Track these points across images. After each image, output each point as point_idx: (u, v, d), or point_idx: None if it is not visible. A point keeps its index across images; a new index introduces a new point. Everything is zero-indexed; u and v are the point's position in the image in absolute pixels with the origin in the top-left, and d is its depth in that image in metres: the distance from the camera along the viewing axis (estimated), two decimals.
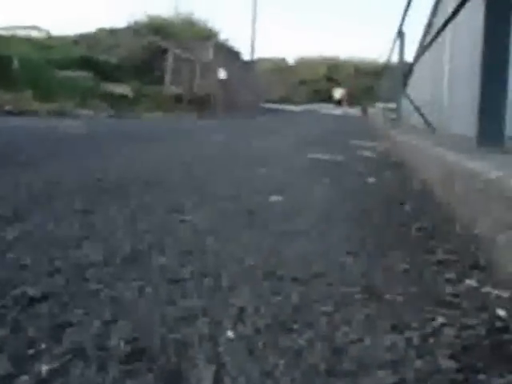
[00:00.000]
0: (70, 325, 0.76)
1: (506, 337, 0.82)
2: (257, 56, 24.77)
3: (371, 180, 2.54)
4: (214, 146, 4.32)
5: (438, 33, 4.56)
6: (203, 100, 15.07)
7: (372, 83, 20.41)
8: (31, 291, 0.86)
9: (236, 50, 20.84)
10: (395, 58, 8.56)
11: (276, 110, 19.68)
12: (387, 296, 0.98)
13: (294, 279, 1.05)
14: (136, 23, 18.86)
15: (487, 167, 1.49)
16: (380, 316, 0.88)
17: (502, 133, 2.33)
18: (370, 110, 18.52)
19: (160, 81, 15.23)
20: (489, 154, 2.02)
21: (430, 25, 10.73)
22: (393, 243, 1.37)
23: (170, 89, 14.62)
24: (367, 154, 4.19)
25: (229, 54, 18.77)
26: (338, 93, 25.82)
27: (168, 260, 1.12)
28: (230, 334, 0.78)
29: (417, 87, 11.34)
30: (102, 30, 19.03)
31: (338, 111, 22.74)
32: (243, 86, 18.93)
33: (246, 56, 21.27)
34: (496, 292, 1.03)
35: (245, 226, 1.48)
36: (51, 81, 11.91)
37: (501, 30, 2.32)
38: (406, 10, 6.92)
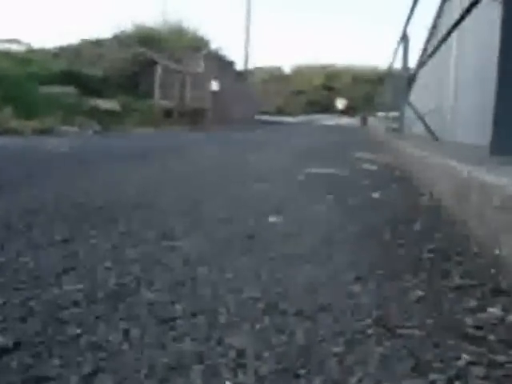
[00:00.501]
0: (45, 380, 0.70)
1: None
2: (252, 65, 24.97)
3: (376, 196, 2.50)
4: (206, 162, 4.28)
5: (444, 39, 4.57)
6: (195, 113, 15.09)
7: (372, 91, 20.52)
8: (0, 340, 0.80)
9: (229, 59, 20.97)
10: (397, 64, 8.61)
11: (271, 123, 19.73)
12: (403, 330, 0.93)
13: (299, 313, 1.00)
14: (122, 33, 18.93)
15: (505, 180, 1.45)
16: (397, 355, 0.83)
17: None
18: (371, 120, 18.59)
19: (149, 94, 15.24)
20: (503, 165, 1.98)
21: (434, 28, 10.80)
22: (404, 267, 1.32)
23: (160, 102, 14.63)
24: (370, 167, 4.16)
25: (221, 64, 18.87)
26: (341, 103, 25.97)
27: (157, 295, 1.06)
28: None
29: (420, 95, 11.40)
30: (85, 42, 19.09)
31: (339, 121, 22.85)
32: (237, 97, 19.00)
33: (239, 65, 21.43)
34: None
35: (242, 252, 1.42)
36: (32, 97, 11.89)
37: None
38: (411, 11, 6.89)
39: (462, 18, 3.34)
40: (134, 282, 1.14)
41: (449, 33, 4.04)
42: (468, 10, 3.12)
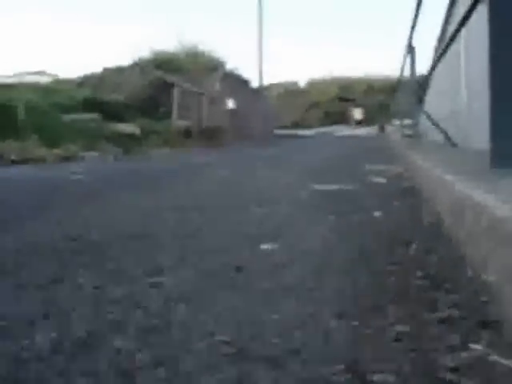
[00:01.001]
0: None
1: None
2: (267, 81, 25.08)
3: (377, 214, 2.42)
4: (215, 183, 4.26)
5: (448, 44, 4.47)
6: (212, 132, 15.19)
7: (387, 100, 20.34)
8: None
9: (244, 78, 21.13)
10: (408, 73, 8.49)
11: (289, 136, 19.70)
12: (374, 377, 0.86)
13: (267, 359, 0.94)
14: (141, 60, 19.32)
15: (495, 200, 1.37)
16: None
17: None
18: (388, 128, 18.40)
19: (168, 116, 15.45)
20: (502, 179, 1.88)
21: (443, 34, 10.64)
22: (391, 298, 1.25)
23: (178, 123, 14.80)
24: (378, 180, 4.07)
25: (237, 83, 19.03)
26: (357, 113, 25.79)
27: (125, 342, 1.02)
28: None
29: (435, 101, 11.21)
30: (107, 70, 19.54)
31: (356, 131, 22.68)
32: (253, 114, 19.09)
33: (255, 82, 21.54)
34: (505, 362, 0.89)
35: (226, 288, 1.37)
36: (56, 125, 12.17)
37: (509, 39, 2.22)
38: (413, 23, 6.84)
39: (468, 15, 3.23)
40: (106, 328, 1.10)
41: (456, 32, 3.90)
42: (472, 7, 2.99)
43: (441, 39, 10.79)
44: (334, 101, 27.48)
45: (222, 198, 3.28)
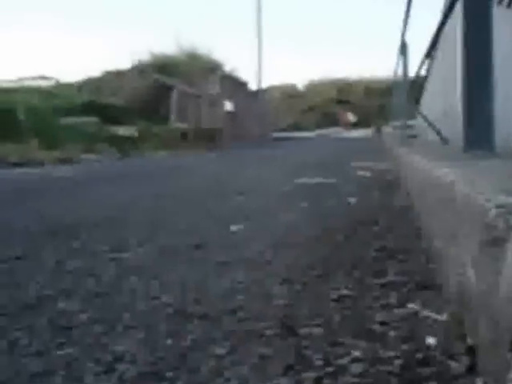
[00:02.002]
0: None
1: (424, 372, 0.70)
2: (266, 84, 25.11)
3: (352, 200, 2.43)
4: (203, 180, 4.27)
5: (434, 44, 4.47)
6: (210, 134, 15.20)
7: (384, 102, 20.36)
8: None
9: (242, 80, 21.13)
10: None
11: (286, 138, 19.70)
12: (303, 330, 0.87)
13: (203, 316, 0.95)
14: (140, 63, 19.36)
15: (449, 174, 1.38)
16: (280, 356, 0.77)
17: (490, 137, 2.22)
18: (385, 130, 18.39)
19: (167, 119, 15.49)
20: (469, 160, 1.89)
21: (438, 34, 10.63)
22: (342, 267, 1.26)
23: (176, 126, 14.82)
24: (364, 174, 4.08)
25: (235, 85, 19.03)
26: (350, 116, 25.91)
27: (70, 305, 1.03)
28: None
29: (430, 101, 11.21)
30: (107, 73, 19.58)
31: (352, 133, 22.68)
32: (252, 116, 19.09)
33: (253, 85, 21.55)
34: (434, 316, 0.90)
35: (182, 262, 1.38)
36: (56, 128, 12.21)
37: (481, 33, 2.25)
38: (405, 20, 6.81)
39: (444, 21, 3.26)
40: (56, 293, 1.11)
41: (436, 37, 3.94)
42: (449, 10, 3.02)
43: (435, 40, 10.78)
44: (332, 103, 27.50)
45: (206, 190, 3.29)
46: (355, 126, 25.22)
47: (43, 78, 22.29)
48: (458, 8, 2.37)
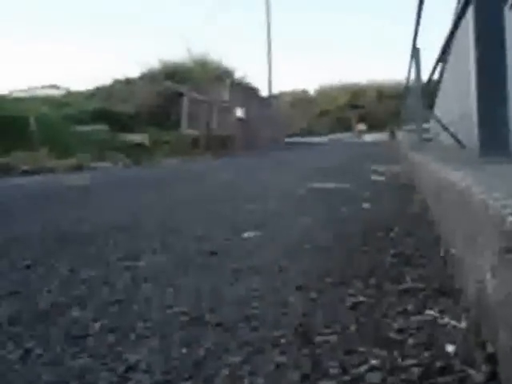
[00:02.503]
0: None
1: (443, 380, 0.69)
2: (277, 90, 25.17)
3: (366, 206, 2.41)
4: (215, 186, 4.29)
5: (446, 47, 4.44)
6: (222, 141, 15.25)
7: (397, 105, 20.27)
8: None
9: (253, 86, 21.20)
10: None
11: (297, 143, 19.71)
12: (319, 338, 0.87)
13: (219, 325, 0.95)
14: (150, 70, 19.54)
15: (465, 179, 1.36)
16: (295, 364, 0.77)
17: (505, 141, 2.20)
18: (399, 134, 18.29)
19: (177, 126, 15.57)
20: (484, 164, 1.87)
21: (450, 37, 10.56)
22: (359, 273, 1.25)
23: (187, 132, 14.90)
24: (378, 178, 4.05)
25: (246, 92, 19.09)
26: (361, 125, 26.00)
27: (83, 313, 1.04)
28: None
29: (445, 105, 11.12)
30: (117, 81, 19.80)
31: (366, 138, 22.61)
32: (263, 122, 19.12)
33: (264, 91, 21.60)
34: (453, 322, 0.89)
35: (197, 269, 1.39)
36: (67, 137, 12.36)
37: (493, 36, 2.24)
38: (417, 24, 6.79)
39: (456, 24, 3.24)
40: (69, 302, 1.12)
41: (447, 42, 3.91)
42: (462, 13, 3.01)
43: (448, 41, 10.71)
44: (344, 108, 27.46)
45: (219, 196, 3.30)
46: (367, 131, 25.20)
47: (54, 87, 22.61)
48: (470, 11, 2.37)
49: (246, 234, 1.85)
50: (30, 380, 0.76)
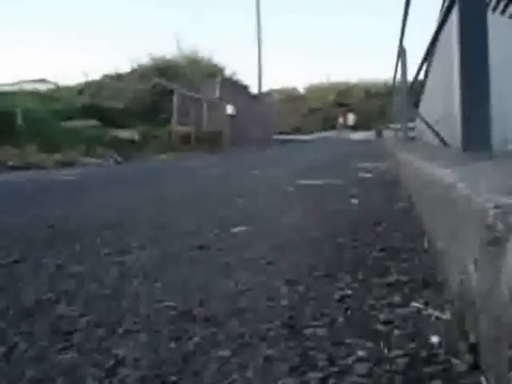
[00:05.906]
0: None
1: (428, 370, 0.69)
2: (267, 87, 25.15)
3: (354, 201, 2.42)
4: (204, 182, 4.28)
5: (431, 48, 4.47)
6: (212, 138, 15.20)
7: (384, 105, 20.40)
8: None
9: (243, 83, 21.15)
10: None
11: (286, 141, 19.73)
12: (307, 331, 0.87)
13: (207, 319, 0.95)
14: (140, 66, 19.38)
15: (449, 175, 1.38)
16: (284, 357, 0.77)
17: (487, 138, 2.22)
18: (385, 132, 18.41)
19: (167, 122, 15.48)
20: (468, 161, 1.89)
21: (435, 38, 10.65)
22: (346, 267, 1.26)
23: (178, 129, 14.82)
24: (365, 175, 4.08)
25: (236, 89, 19.04)
26: (350, 119, 25.98)
27: (70, 310, 1.03)
28: None
29: (430, 104, 11.20)
30: (107, 77, 19.60)
31: (353, 136, 22.69)
32: (253, 119, 19.09)
33: (254, 88, 21.56)
34: (437, 314, 0.90)
35: (185, 263, 1.38)
36: (56, 132, 12.19)
37: (476, 37, 2.26)
38: (403, 25, 6.84)
39: (439, 28, 3.26)
40: (55, 297, 1.11)
41: (432, 43, 3.92)
42: (444, 19, 3.02)
43: (433, 44, 10.78)
44: (333, 106, 27.53)
45: (207, 192, 3.29)
46: (354, 128, 25.25)
47: (43, 81, 22.33)
48: (454, 13, 2.38)
49: (235, 229, 1.85)
50: (16, 376, 0.75)
